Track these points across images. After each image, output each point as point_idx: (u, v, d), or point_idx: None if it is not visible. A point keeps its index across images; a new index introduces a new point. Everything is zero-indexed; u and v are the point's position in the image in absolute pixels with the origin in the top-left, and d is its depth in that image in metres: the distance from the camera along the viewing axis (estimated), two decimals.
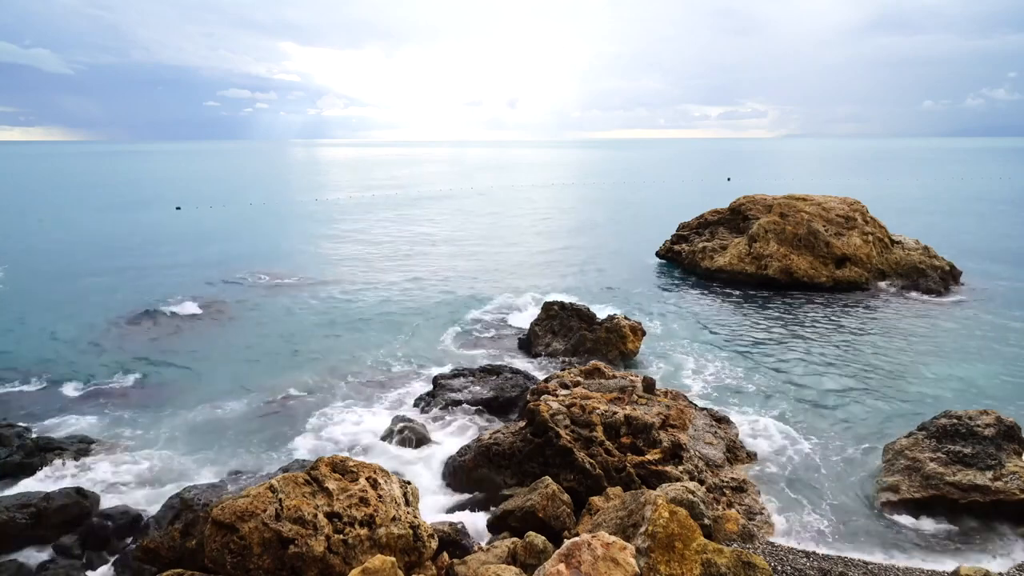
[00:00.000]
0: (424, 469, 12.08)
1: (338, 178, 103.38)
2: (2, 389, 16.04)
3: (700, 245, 29.23)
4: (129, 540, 9.72)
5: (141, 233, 41.87)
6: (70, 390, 16.04)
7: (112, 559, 9.31)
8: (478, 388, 14.74)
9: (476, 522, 9.95)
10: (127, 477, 12.04)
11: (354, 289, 26.53)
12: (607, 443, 10.67)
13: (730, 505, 9.94)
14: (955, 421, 11.07)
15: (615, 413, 11.12)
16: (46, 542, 9.68)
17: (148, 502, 10.95)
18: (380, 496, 7.90)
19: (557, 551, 6.67)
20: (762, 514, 9.99)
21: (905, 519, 10.10)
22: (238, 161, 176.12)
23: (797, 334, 19.80)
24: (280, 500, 7.42)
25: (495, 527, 9.42)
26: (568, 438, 10.54)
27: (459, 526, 9.47)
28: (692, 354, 18.20)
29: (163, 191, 75.35)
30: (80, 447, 12.50)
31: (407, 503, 8.23)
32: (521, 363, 17.60)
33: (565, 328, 18.46)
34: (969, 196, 63.20)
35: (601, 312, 19.65)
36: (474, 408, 14.22)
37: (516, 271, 30.04)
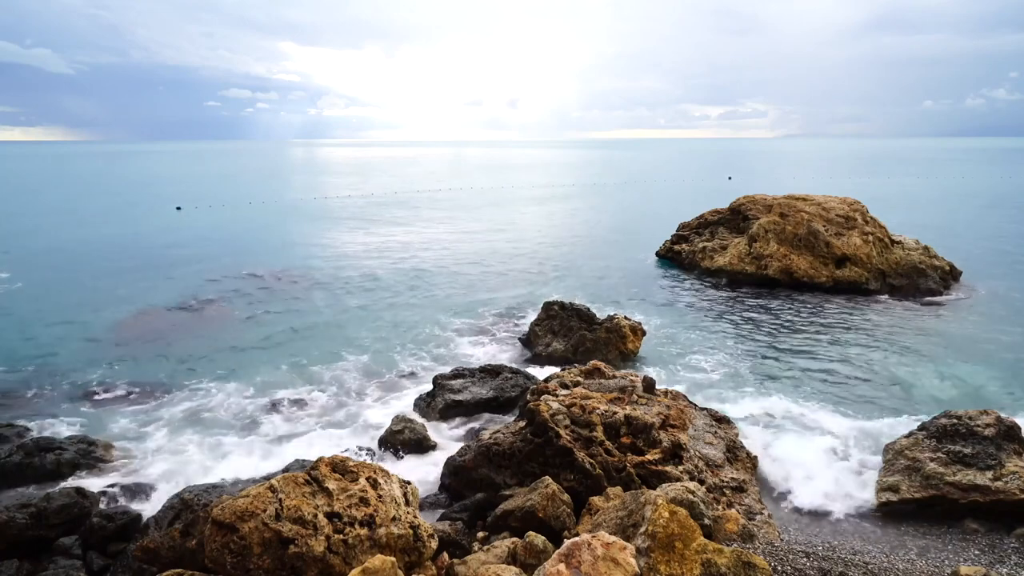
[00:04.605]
0: (424, 469, 12.08)
1: (338, 178, 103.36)
2: (2, 389, 16.03)
3: (700, 245, 29.23)
4: (129, 540, 9.71)
5: (141, 233, 41.86)
6: (70, 390, 16.04)
7: (112, 559, 9.31)
8: (478, 388, 14.74)
9: (476, 522, 9.95)
10: (127, 477, 12.05)
11: (353, 289, 26.53)
12: (607, 443, 10.67)
13: (730, 505, 9.93)
14: (955, 421, 11.06)
15: (615, 413, 11.12)
16: (46, 542, 9.67)
17: (148, 502, 10.95)
18: (380, 496, 7.90)
19: (557, 551, 6.67)
20: (762, 514, 9.98)
21: (905, 519, 10.10)
22: (238, 161, 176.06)
23: (797, 334, 19.80)
24: (280, 500, 7.42)
25: (495, 527, 9.42)
26: (568, 438, 10.54)
27: (459, 526, 9.48)
28: (692, 354, 18.20)
29: (163, 191, 75.35)
30: (80, 447, 12.49)
31: (407, 503, 8.23)
32: (521, 363, 17.61)
33: (565, 328, 18.45)
34: (969, 196, 63.18)
35: (601, 312, 19.65)
36: (474, 408, 14.22)
37: (516, 271, 30.04)
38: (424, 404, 14.73)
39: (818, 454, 12.39)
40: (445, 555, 8.14)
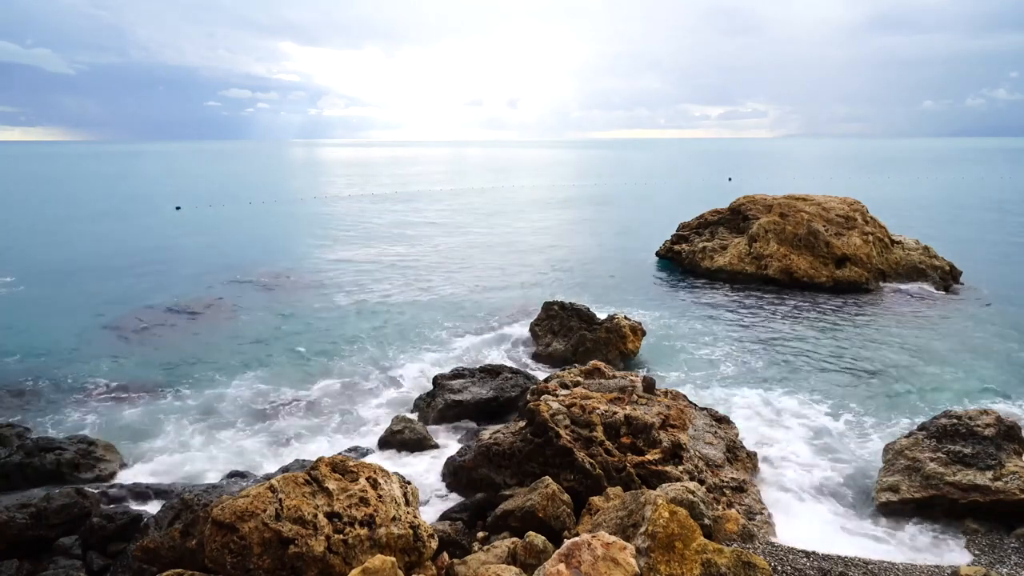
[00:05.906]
0: (424, 469, 12.08)
1: (338, 177, 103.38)
2: (2, 389, 16.03)
3: (700, 245, 29.23)
4: (129, 540, 9.70)
5: (140, 233, 41.87)
6: (70, 390, 16.04)
7: (112, 559, 9.30)
8: (478, 388, 14.73)
9: (476, 522, 9.94)
10: (127, 477, 12.06)
11: (353, 288, 26.53)
12: (607, 443, 10.67)
13: (730, 505, 9.93)
14: (955, 421, 11.06)
15: (615, 413, 11.12)
16: (46, 542, 9.67)
17: (148, 502, 10.95)
18: (380, 496, 7.90)
19: (557, 551, 6.67)
20: (762, 514, 9.98)
21: (905, 519, 10.10)
22: (238, 161, 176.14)
23: (797, 334, 19.80)
24: (280, 500, 7.42)
25: (495, 527, 9.42)
26: (568, 438, 10.53)
27: (459, 526, 9.48)
28: (692, 354, 18.20)
29: (163, 191, 75.37)
30: (80, 447, 12.48)
31: (407, 503, 8.23)
32: (521, 363, 17.61)
33: (565, 328, 18.45)
34: (969, 196, 63.19)
35: (601, 312, 19.64)
36: (474, 408, 14.22)
37: (516, 271, 30.04)
38: (424, 404, 14.73)
39: (818, 454, 12.40)
40: (445, 555, 8.14)
